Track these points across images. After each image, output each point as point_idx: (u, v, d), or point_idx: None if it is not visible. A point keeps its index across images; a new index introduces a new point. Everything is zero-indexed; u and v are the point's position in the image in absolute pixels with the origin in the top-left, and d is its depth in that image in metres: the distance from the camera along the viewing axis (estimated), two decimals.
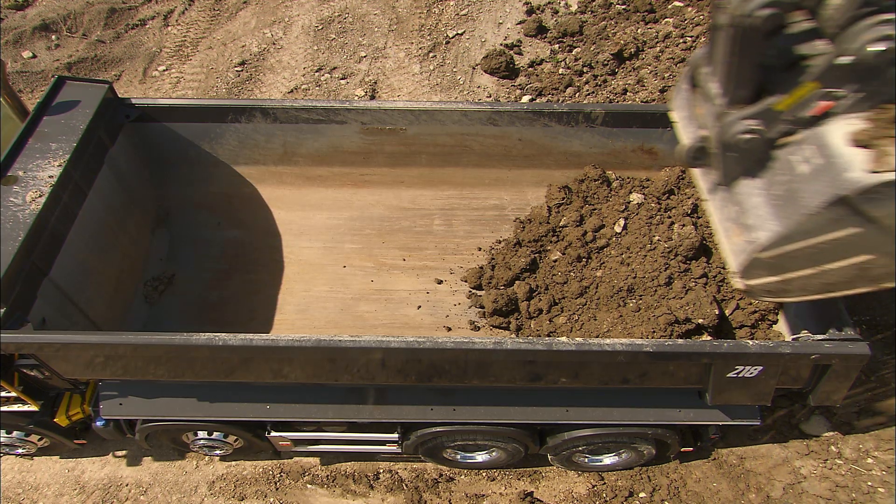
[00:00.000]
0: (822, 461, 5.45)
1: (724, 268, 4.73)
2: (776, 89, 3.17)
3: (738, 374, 3.88)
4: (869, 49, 2.70)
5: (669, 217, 5.13)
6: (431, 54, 9.35)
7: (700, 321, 4.58)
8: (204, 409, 4.62)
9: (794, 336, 4.18)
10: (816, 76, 2.98)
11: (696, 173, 4.09)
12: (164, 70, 9.44)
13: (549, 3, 9.95)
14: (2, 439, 5.25)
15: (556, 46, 9.30)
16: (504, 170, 5.84)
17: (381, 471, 5.58)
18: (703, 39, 8.74)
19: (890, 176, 2.79)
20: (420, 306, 5.59)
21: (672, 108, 4.21)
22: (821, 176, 3.03)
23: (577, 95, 8.51)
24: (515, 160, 5.74)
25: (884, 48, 2.67)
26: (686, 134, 3.99)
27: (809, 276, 3.43)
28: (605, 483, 5.47)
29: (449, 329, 5.46)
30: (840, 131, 3.00)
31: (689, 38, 8.96)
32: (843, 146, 2.96)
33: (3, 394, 4.66)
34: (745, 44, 3.01)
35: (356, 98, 8.81)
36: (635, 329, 4.67)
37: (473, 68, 9.07)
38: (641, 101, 8.26)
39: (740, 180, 3.55)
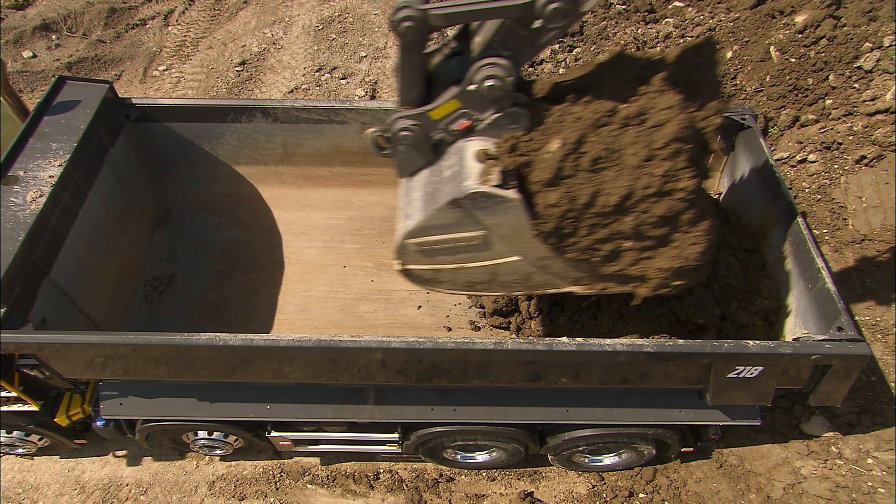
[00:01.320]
0: (823, 461, 5.44)
1: (726, 269, 4.73)
2: (437, 100, 3.62)
3: (738, 374, 3.88)
4: (485, 84, 3.31)
5: None
6: None
7: (700, 321, 4.58)
8: (204, 409, 4.61)
9: (795, 336, 4.18)
10: (456, 96, 3.51)
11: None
12: (164, 70, 9.44)
13: None
14: (2, 439, 5.24)
15: (557, 46, 9.29)
16: None
17: (382, 471, 5.58)
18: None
19: (483, 188, 3.42)
20: (420, 306, 5.59)
21: None
22: (453, 180, 3.57)
23: None
24: None
25: (492, 84, 3.31)
26: None
27: (453, 270, 3.92)
28: (605, 483, 5.47)
29: (449, 329, 5.46)
30: (474, 147, 3.60)
31: (689, 38, 8.95)
32: (470, 160, 3.56)
33: (4, 394, 4.66)
34: (406, 52, 3.43)
35: (356, 98, 8.81)
36: (635, 329, 4.66)
37: None
38: None
39: (415, 175, 3.95)
